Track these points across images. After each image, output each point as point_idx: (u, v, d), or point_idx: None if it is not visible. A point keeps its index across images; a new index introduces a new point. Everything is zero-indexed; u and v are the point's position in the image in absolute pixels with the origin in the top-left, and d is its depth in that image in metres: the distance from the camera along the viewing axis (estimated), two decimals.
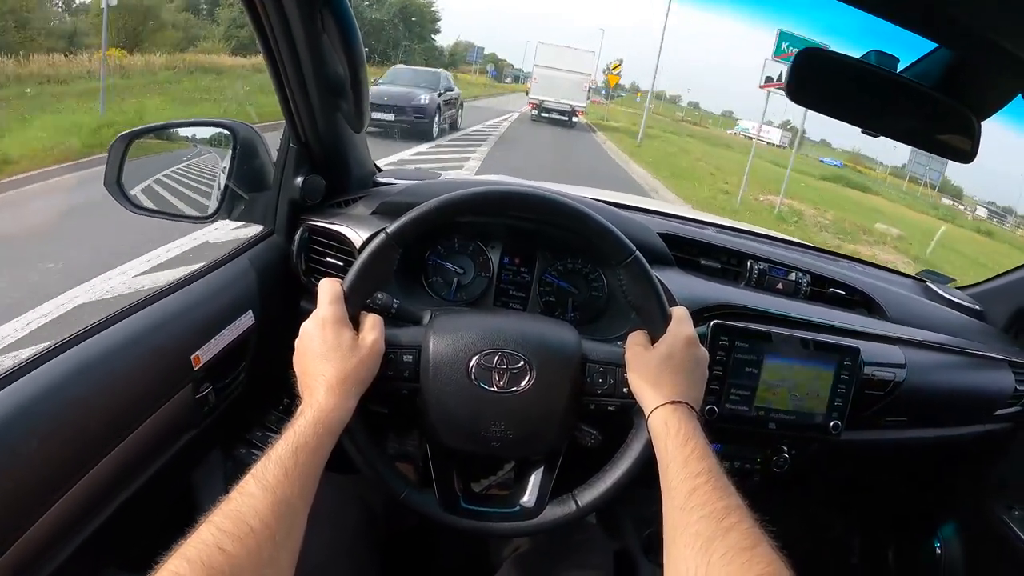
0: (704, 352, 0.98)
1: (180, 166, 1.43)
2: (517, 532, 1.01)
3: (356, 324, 0.94)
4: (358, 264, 0.96)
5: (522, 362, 0.96)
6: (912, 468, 1.84)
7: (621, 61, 30.12)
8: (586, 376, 0.99)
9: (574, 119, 26.95)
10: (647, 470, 0.92)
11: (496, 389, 0.96)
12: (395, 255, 0.97)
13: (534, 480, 1.03)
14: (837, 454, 1.50)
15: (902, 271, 1.96)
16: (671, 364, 0.94)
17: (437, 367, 0.97)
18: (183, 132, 1.44)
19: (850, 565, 2.04)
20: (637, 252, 0.98)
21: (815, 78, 0.97)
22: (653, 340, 0.98)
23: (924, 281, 1.86)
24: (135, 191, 1.32)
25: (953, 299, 1.76)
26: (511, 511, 1.01)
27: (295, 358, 0.93)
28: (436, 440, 1.00)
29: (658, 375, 0.93)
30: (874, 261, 1.96)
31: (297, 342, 0.93)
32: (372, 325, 0.94)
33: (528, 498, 1.02)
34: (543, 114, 26.30)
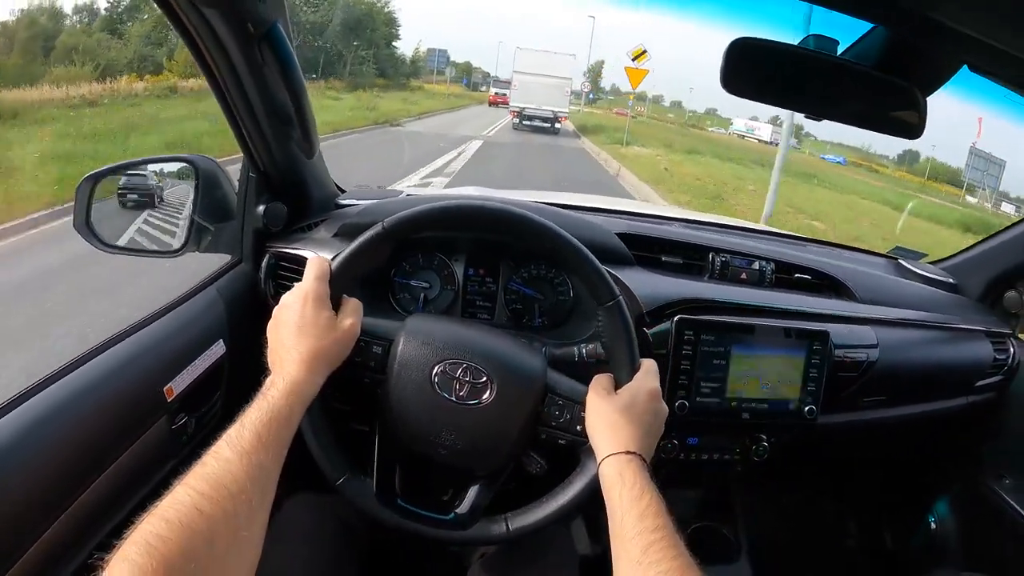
0: (664, 408, 0.99)
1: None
2: (445, 539, 1.02)
3: (335, 306, 0.95)
4: (350, 248, 0.98)
5: (485, 377, 0.97)
6: (898, 446, 1.84)
7: (644, 50, 23.19)
8: (545, 406, 1.00)
9: (557, 126, 25.80)
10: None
11: (455, 399, 0.97)
12: (386, 249, 0.99)
13: (472, 493, 1.04)
14: (817, 439, 1.50)
15: (873, 250, 1.95)
16: (630, 414, 0.94)
17: (403, 364, 0.98)
18: (146, 169, 1.47)
19: (846, 548, 2.04)
20: (620, 297, 0.99)
21: (750, 67, 0.97)
22: (618, 385, 0.99)
23: (896, 258, 1.86)
24: (104, 230, 1.33)
25: (926, 274, 1.76)
26: (444, 518, 1.02)
27: (270, 326, 0.94)
28: (387, 435, 1.01)
29: (616, 423, 0.93)
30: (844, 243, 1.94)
31: (276, 310, 0.95)
32: (352, 310, 0.96)
33: (463, 509, 1.03)
34: (525, 122, 25.19)
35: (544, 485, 1.02)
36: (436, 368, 0.97)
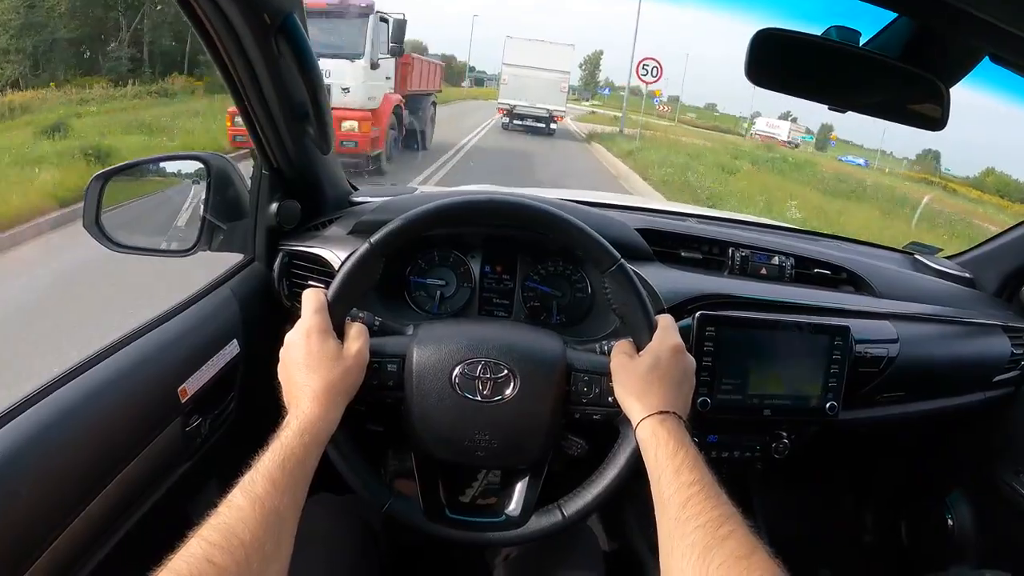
0: (691, 360, 0.98)
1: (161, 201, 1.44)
2: (503, 542, 1.03)
3: (340, 333, 0.94)
4: (342, 273, 0.96)
5: (506, 371, 0.96)
6: (916, 442, 1.83)
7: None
8: (571, 385, 0.99)
9: (553, 126, 22.88)
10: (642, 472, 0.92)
11: (480, 398, 0.96)
12: (379, 265, 0.98)
13: (520, 489, 1.03)
14: (838, 434, 1.49)
15: (888, 245, 1.95)
16: (657, 374, 0.93)
17: (420, 376, 0.97)
18: (158, 167, 1.46)
19: (864, 543, 2.03)
20: (622, 260, 0.98)
21: (774, 59, 0.96)
22: (639, 348, 0.98)
23: (911, 253, 1.85)
24: (115, 229, 1.32)
25: (942, 268, 1.75)
26: (497, 520, 1.01)
27: (279, 368, 0.93)
28: (421, 450, 1.00)
29: (645, 386, 0.92)
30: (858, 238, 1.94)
31: (282, 352, 0.93)
32: (357, 334, 0.94)
33: (514, 508, 1.02)
34: (516, 122, 22.61)
35: (589, 465, 1.01)
36: (455, 372, 0.96)
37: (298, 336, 0.92)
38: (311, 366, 0.88)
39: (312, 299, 0.94)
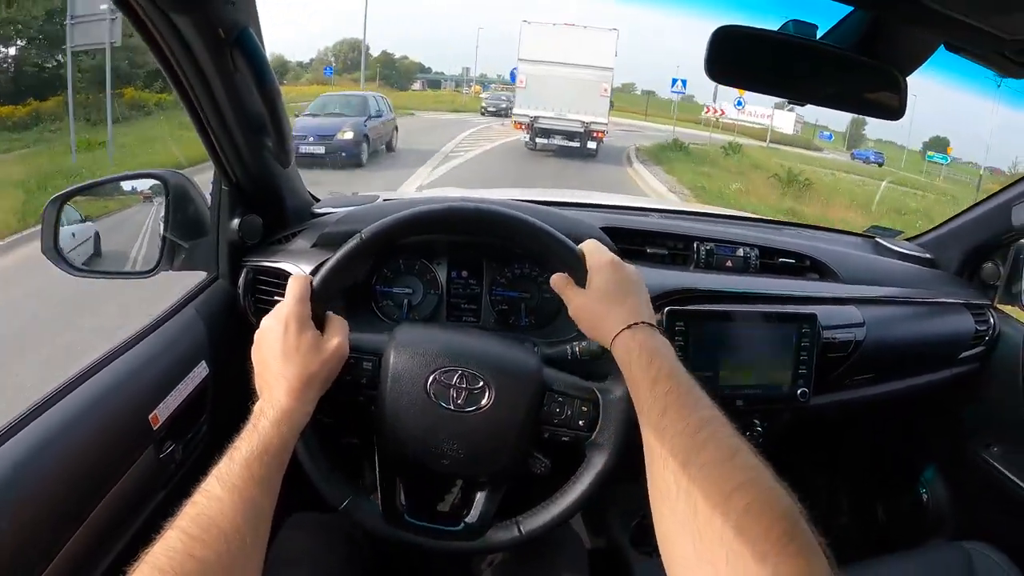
0: (633, 267, 0.97)
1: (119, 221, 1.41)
2: (457, 551, 1.01)
3: (319, 325, 0.92)
4: (330, 264, 0.95)
5: (482, 383, 0.95)
6: (888, 421, 1.87)
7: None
8: (544, 404, 0.98)
9: (591, 145, 16.68)
10: (630, 462, 0.90)
11: (452, 407, 0.95)
12: (367, 260, 1.00)
13: (479, 500, 1.03)
14: (809, 420, 1.52)
15: (850, 230, 1.98)
16: (609, 293, 0.93)
17: (396, 377, 0.96)
18: (115, 187, 1.42)
19: (841, 524, 2.07)
20: (515, 213, 0.99)
21: (733, 55, 0.97)
22: (580, 282, 0.97)
23: (872, 237, 1.89)
24: (74, 253, 1.29)
25: (903, 251, 1.79)
26: (454, 529, 1.01)
27: (254, 350, 0.91)
28: (386, 452, 0.99)
29: (605, 309, 0.92)
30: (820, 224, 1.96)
31: (258, 334, 0.91)
32: (338, 328, 0.93)
33: (472, 518, 1.02)
34: (541, 140, 16.76)
35: (549, 483, 1.01)
36: (431, 377, 0.95)
37: (276, 322, 0.89)
38: (288, 355, 0.86)
39: (296, 286, 0.92)
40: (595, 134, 16.69)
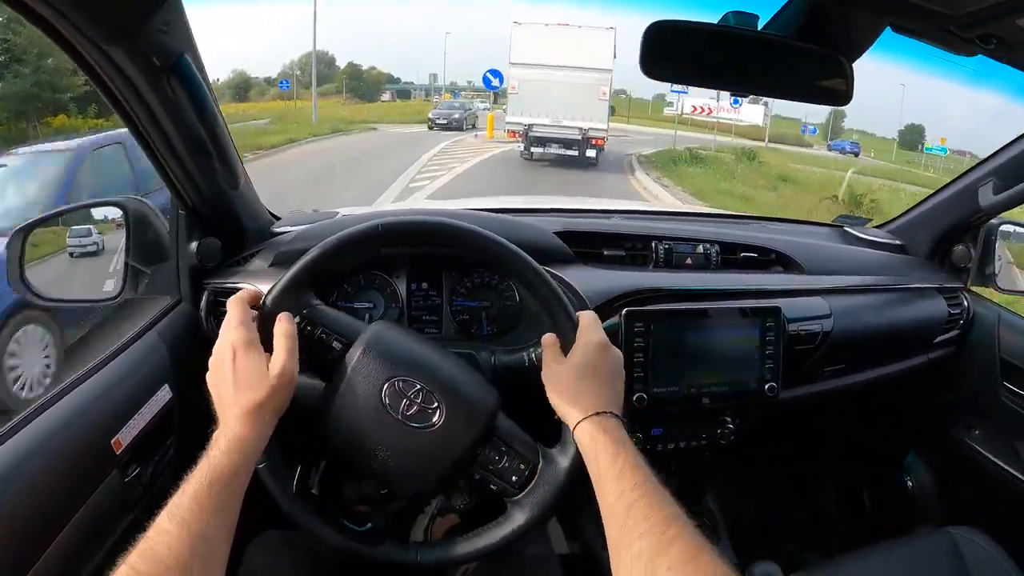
0: (618, 354, 0.98)
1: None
2: (346, 550, 0.99)
3: (268, 343, 0.91)
4: (277, 288, 0.96)
5: (436, 404, 0.95)
6: (867, 410, 1.86)
7: None
8: (486, 447, 0.98)
9: (590, 153, 15.67)
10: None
11: (400, 417, 0.94)
12: (306, 286, 0.99)
13: (389, 512, 1.05)
14: (783, 414, 1.51)
15: (818, 221, 1.97)
16: (587, 373, 0.93)
17: (356, 369, 0.95)
18: (81, 215, 1.43)
19: (826, 516, 2.06)
20: (525, 257, 0.99)
21: (670, 51, 0.97)
22: (565, 348, 0.98)
23: (840, 226, 1.88)
24: (40, 282, 1.30)
25: (872, 238, 1.78)
26: (355, 528, 1.01)
27: (208, 377, 0.91)
28: (323, 432, 0.99)
29: (577, 387, 0.92)
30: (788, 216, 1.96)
31: (211, 361, 0.91)
32: (284, 346, 0.90)
33: (378, 524, 1.03)
34: (535, 149, 15.74)
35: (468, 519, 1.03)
36: (389, 382, 0.95)
37: (224, 348, 0.89)
38: (238, 383, 0.86)
39: (236, 311, 0.91)
40: (594, 141, 15.61)
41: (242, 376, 0.86)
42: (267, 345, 0.91)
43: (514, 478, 0.97)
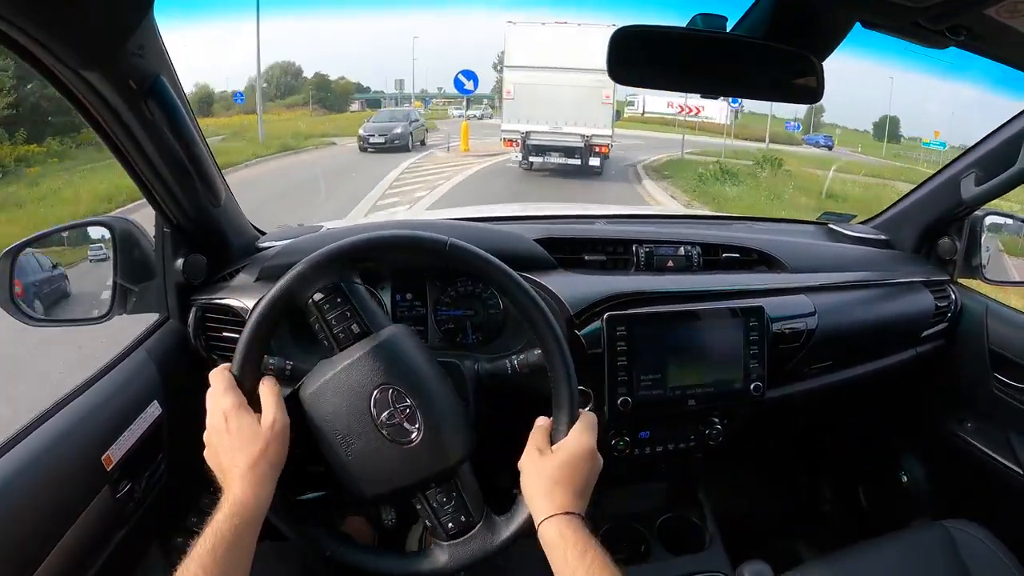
0: (600, 462, 0.98)
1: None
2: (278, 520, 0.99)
3: (255, 402, 0.94)
4: (241, 344, 0.96)
5: (417, 428, 0.96)
6: (856, 407, 1.86)
7: None
8: (439, 485, 0.99)
9: (594, 161, 14.36)
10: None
11: (378, 422, 0.95)
12: (276, 321, 0.98)
13: (314, 498, 1.06)
14: (771, 413, 1.51)
15: (803, 219, 1.97)
16: (566, 473, 0.94)
17: (357, 361, 0.96)
18: (72, 235, 1.44)
19: (821, 513, 2.06)
20: (451, 240, 0.99)
21: (637, 55, 0.97)
22: (555, 432, 0.99)
23: (825, 224, 1.88)
24: (30, 303, 1.30)
25: (857, 234, 1.78)
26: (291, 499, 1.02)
27: (207, 456, 0.93)
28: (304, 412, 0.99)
29: (552, 485, 0.93)
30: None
31: (205, 436, 0.94)
32: (270, 403, 0.93)
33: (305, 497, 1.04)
34: (534, 158, 14.64)
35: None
36: (385, 387, 0.96)
37: (216, 419, 0.92)
38: (234, 446, 0.89)
39: (219, 380, 0.94)
40: (598, 148, 14.28)
41: (237, 437, 0.89)
42: (253, 403, 0.94)
43: (450, 525, 0.98)
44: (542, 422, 1.00)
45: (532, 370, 1.05)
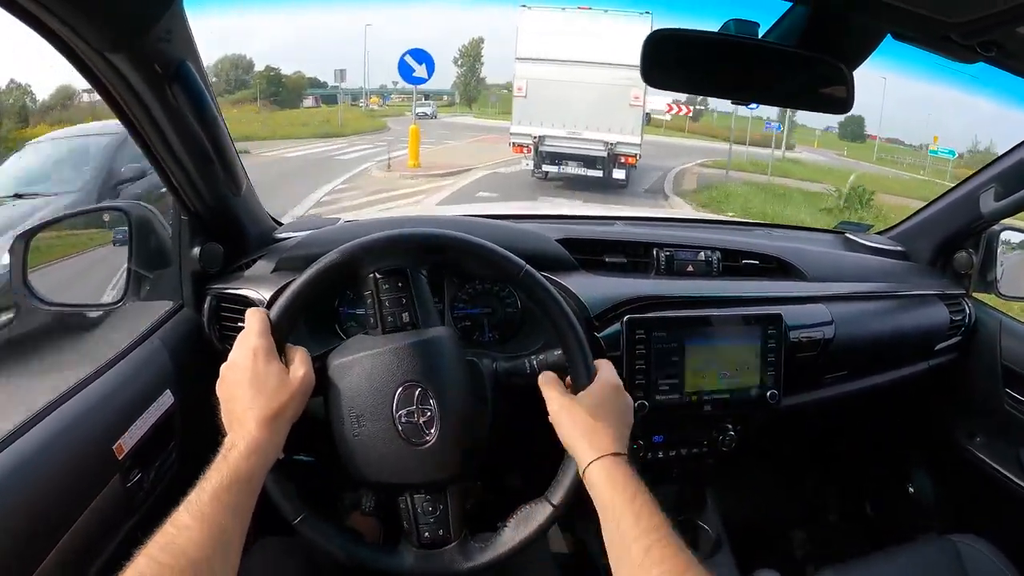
0: (630, 399, 0.98)
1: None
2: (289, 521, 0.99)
3: (282, 355, 0.93)
4: (289, 292, 0.95)
5: (431, 433, 0.95)
6: (867, 417, 1.86)
7: None
8: (430, 495, 0.99)
9: (618, 174, 12.37)
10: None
11: (395, 414, 0.95)
12: (332, 281, 0.98)
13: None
14: (784, 421, 1.51)
15: (821, 227, 1.97)
16: (602, 412, 0.93)
17: (401, 351, 0.96)
18: (85, 219, 1.44)
19: (828, 523, 2.06)
20: (573, 319, 0.99)
21: (671, 59, 0.97)
22: (576, 388, 0.98)
23: (842, 233, 1.88)
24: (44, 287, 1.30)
25: (874, 245, 1.78)
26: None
27: (219, 386, 0.91)
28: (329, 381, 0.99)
29: (592, 425, 0.92)
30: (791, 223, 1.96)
31: (224, 368, 0.92)
32: (301, 359, 0.92)
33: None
34: (548, 167, 12.61)
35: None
36: (412, 385, 0.95)
37: (242, 356, 0.90)
38: (257, 389, 0.87)
39: (257, 320, 0.92)
40: (623, 159, 12.28)
41: (263, 381, 0.87)
42: (280, 354, 0.93)
43: (426, 535, 0.99)
44: (548, 376, 1.00)
45: (551, 370, 1.04)
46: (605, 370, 0.98)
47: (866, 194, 13.36)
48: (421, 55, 13.63)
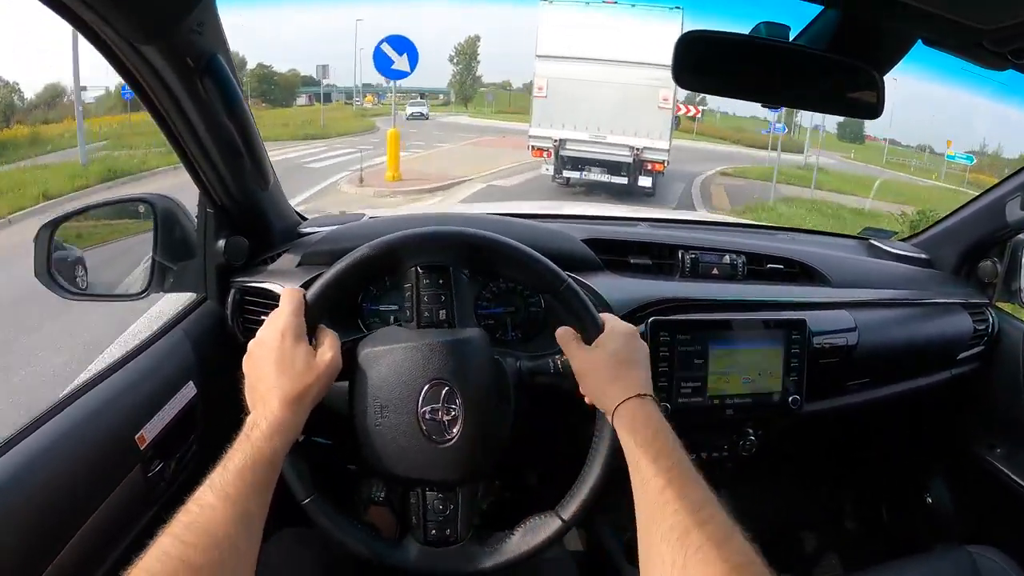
0: (645, 344, 0.99)
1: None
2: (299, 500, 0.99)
3: (312, 338, 0.93)
4: (329, 275, 0.96)
5: (455, 431, 0.95)
6: (889, 424, 1.85)
7: None
8: (442, 493, 1.00)
9: (644, 181, 11.85)
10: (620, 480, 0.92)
11: (419, 409, 0.95)
12: (375, 267, 0.98)
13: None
14: (805, 427, 1.50)
15: (844, 233, 1.96)
16: (622, 357, 0.94)
17: (434, 347, 0.96)
18: (111, 210, 1.45)
19: (844, 530, 2.04)
20: (569, 281, 0.99)
21: (702, 61, 0.97)
22: (587, 341, 0.98)
23: (867, 239, 1.86)
24: (66, 277, 1.31)
25: (898, 252, 1.76)
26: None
27: (246, 361, 0.91)
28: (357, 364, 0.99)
29: (614, 370, 0.93)
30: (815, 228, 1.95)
31: (252, 345, 0.92)
32: (330, 343, 0.92)
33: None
34: (570, 172, 12.13)
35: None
36: (441, 383, 0.95)
37: (271, 335, 0.90)
38: (283, 368, 0.87)
39: (291, 299, 0.93)
40: (649, 165, 11.65)
41: (290, 361, 0.87)
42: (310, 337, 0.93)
43: (433, 532, 0.99)
44: (566, 332, 1.00)
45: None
46: (617, 321, 1.00)
47: (933, 215, 11.88)
48: (402, 43, 11.27)
